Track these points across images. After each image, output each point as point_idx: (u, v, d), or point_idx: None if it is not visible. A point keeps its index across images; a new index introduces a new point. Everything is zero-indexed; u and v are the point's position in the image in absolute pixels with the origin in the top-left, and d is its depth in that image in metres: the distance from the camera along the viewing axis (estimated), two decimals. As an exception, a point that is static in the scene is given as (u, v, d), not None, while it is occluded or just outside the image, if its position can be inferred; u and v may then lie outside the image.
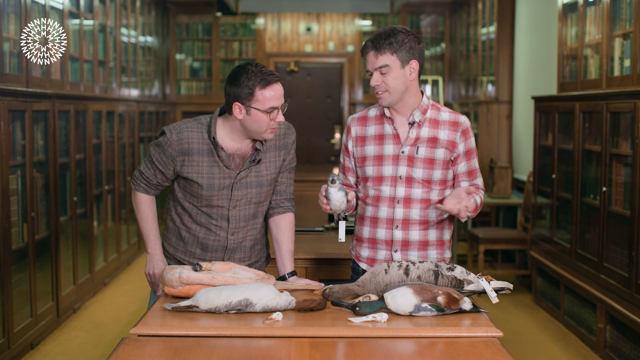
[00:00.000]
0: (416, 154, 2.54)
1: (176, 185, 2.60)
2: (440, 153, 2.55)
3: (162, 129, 2.54)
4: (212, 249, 2.60)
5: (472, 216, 2.54)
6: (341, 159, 2.74)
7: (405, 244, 2.59)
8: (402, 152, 2.56)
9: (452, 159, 2.57)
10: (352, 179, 2.70)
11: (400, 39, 2.47)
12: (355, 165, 2.66)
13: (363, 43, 2.55)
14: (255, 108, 2.41)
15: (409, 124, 2.56)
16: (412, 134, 2.56)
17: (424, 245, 2.60)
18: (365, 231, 2.65)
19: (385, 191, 2.58)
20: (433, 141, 2.55)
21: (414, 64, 2.50)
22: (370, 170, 2.60)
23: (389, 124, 2.59)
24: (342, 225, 2.57)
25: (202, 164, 2.50)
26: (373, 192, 2.60)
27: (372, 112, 2.66)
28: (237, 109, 2.42)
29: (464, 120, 2.58)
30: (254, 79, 2.39)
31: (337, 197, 2.43)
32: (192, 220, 2.59)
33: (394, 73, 2.48)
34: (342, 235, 2.56)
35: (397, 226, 2.58)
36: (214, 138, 2.48)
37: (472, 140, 2.60)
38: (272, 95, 2.41)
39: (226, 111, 2.49)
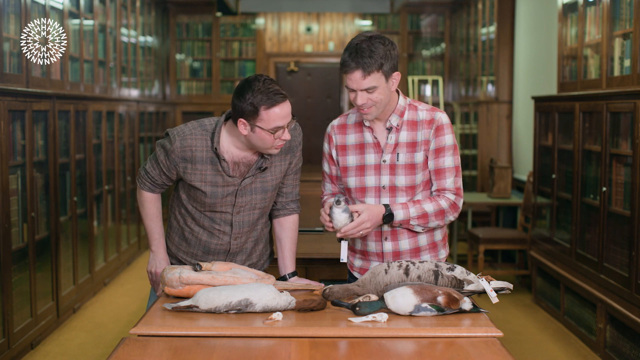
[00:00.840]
0: (397, 161, 2.49)
1: (180, 187, 2.58)
2: (420, 156, 2.48)
3: (167, 131, 2.49)
4: (214, 252, 2.60)
5: (425, 225, 2.47)
6: (325, 168, 2.67)
7: (397, 254, 2.56)
8: (384, 161, 2.50)
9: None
10: (339, 187, 2.65)
11: (382, 53, 2.35)
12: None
13: (342, 57, 2.40)
14: (259, 127, 2.34)
15: (387, 129, 2.51)
16: (390, 139, 2.50)
17: (416, 251, 2.56)
18: (357, 243, 2.63)
19: (370, 202, 2.53)
20: (412, 145, 2.48)
21: (396, 76, 2.42)
22: (352, 181, 2.55)
23: (368, 132, 2.53)
24: (344, 245, 2.48)
25: (205, 172, 2.46)
26: (358, 202, 2.55)
27: (351, 118, 2.59)
28: (242, 125, 2.36)
29: (439, 117, 2.48)
30: (259, 98, 2.31)
31: (340, 218, 2.38)
32: (195, 223, 2.58)
33: (380, 89, 2.39)
34: (344, 256, 2.47)
35: (386, 238, 2.55)
36: (215, 149, 2.43)
37: (447, 137, 2.48)
38: (277, 115, 2.33)
39: (233, 121, 2.42)
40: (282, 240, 2.66)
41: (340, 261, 2.50)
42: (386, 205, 2.45)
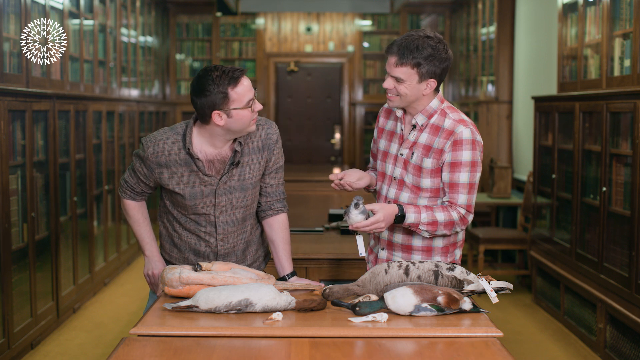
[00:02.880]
0: (410, 158, 2.51)
1: (164, 195, 2.60)
2: (429, 162, 2.47)
3: (141, 139, 2.52)
4: (204, 255, 2.60)
5: (433, 232, 2.46)
6: (372, 143, 2.73)
7: (390, 245, 2.58)
8: (401, 155, 2.54)
9: (441, 165, 2.46)
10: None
11: (426, 54, 2.36)
12: None
13: (389, 43, 2.44)
14: (235, 109, 2.37)
15: (412, 126, 2.53)
16: (411, 136, 2.52)
17: (408, 249, 2.57)
18: (383, 233, 2.64)
19: (383, 189, 2.60)
20: (427, 149, 2.48)
21: (432, 82, 2.42)
22: (378, 164, 2.64)
23: (400, 123, 2.57)
24: (359, 239, 2.50)
25: (181, 175, 2.48)
26: (378, 185, 2.64)
27: None
28: (217, 116, 2.37)
29: (460, 130, 2.42)
30: (223, 82, 2.35)
31: (357, 218, 2.39)
32: (183, 228, 2.59)
33: (409, 85, 2.40)
34: (362, 250, 2.49)
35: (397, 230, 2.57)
36: (188, 149, 2.45)
37: (465, 153, 2.42)
38: (244, 89, 2.38)
39: (202, 121, 2.43)
40: (274, 241, 2.66)
41: (360, 256, 2.52)
42: (400, 206, 2.45)
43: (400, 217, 2.44)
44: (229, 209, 2.54)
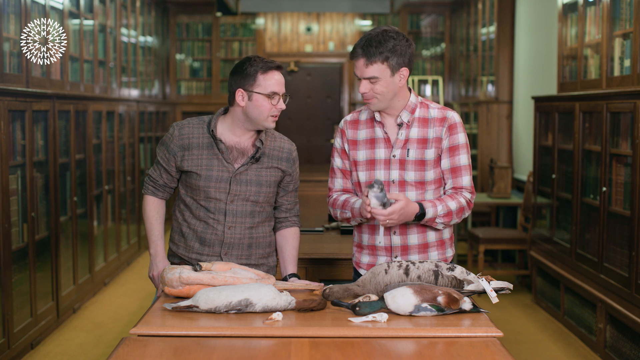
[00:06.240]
0: (407, 156, 2.51)
1: (180, 184, 2.68)
2: (431, 153, 2.51)
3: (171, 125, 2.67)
4: (209, 243, 2.62)
5: (447, 222, 2.49)
6: (337, 163, 2.65)
7: (405, 249, 2.57)
8: (394, 156, 2.52)
9: (440, 153, 2.52)
10: (350, 183, 2.65)
11: (391, 46, 2.40)
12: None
13: (353, 45, 2.47)
14: (257, 92, 2.49)
15: (398, 125, 2.53)
16: (401, 135, 2.52)
17: (424, 247, 2.58)
18: (365, 238, 2.63)
19: None
20: (423, 142, 2.51)
21: (404, 71, 2.45)
22: (362, 175, 2.57)
23: (379, 127, 2.55)
24: (381, 227, 2.47)
25: (201, 157, 2.58)
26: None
27: (363, 115, 2.62)
28: (240, 95, 2.51)
29: (451, 115, 2.52)
30: (256, 65, 2.50)
31: (372, 201, 2.36)
32: (192, 215, 2.64)
33: (384, 82, 2.43)
34: (380, 238, 2.49)
35: (394, 232, 2.56)
36: (212, 131, 2.57)
37: (460, 136, 2.51)
38: (273, 80, 2.50)
39: (229, 103, 2.58)
40: (283, 247, 2.71)
41: (377, 244, 2.55)
42: (419, 204, 2.45)
43: (420, 216, 2.45)
44: (241, 199, 2.60)
